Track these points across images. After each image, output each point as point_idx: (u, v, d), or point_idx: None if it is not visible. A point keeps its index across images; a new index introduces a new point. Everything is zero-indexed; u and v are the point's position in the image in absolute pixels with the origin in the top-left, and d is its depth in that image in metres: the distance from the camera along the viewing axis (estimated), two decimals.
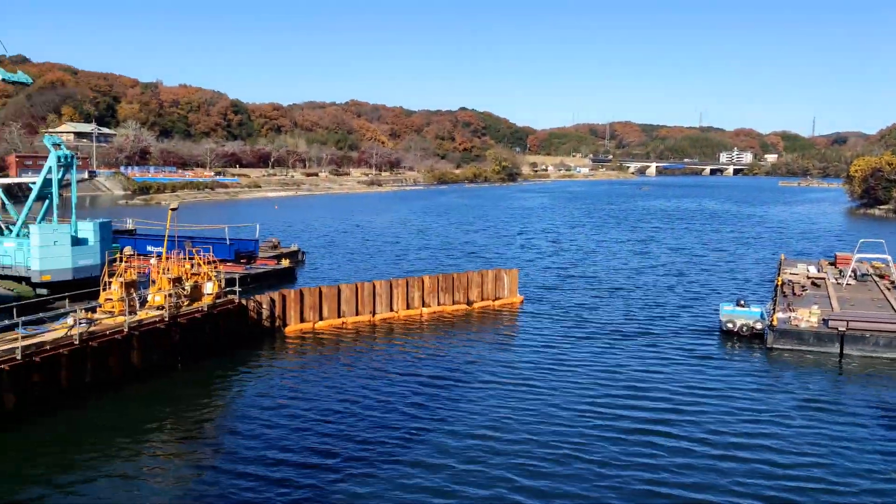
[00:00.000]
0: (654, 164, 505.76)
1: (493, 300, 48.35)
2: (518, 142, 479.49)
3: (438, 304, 46.27)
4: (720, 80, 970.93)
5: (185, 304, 35.71)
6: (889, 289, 49.78)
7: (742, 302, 42.50)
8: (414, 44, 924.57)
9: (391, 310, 44.44)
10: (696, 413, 28.59)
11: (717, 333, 41.71)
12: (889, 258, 52.90)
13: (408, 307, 45.08)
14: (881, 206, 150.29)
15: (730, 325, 41.08)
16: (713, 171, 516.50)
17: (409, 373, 33.44)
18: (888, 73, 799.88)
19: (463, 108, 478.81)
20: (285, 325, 40.85)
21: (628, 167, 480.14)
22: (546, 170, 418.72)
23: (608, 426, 27.00)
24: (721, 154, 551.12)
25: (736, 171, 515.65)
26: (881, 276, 54.47)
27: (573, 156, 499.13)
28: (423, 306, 45.61)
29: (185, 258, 38.49)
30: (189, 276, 37.09)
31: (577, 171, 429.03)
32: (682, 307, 49.60)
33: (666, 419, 27.80)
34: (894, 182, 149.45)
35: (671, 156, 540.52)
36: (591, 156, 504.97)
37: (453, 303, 46.81)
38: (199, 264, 38.39)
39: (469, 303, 47.38)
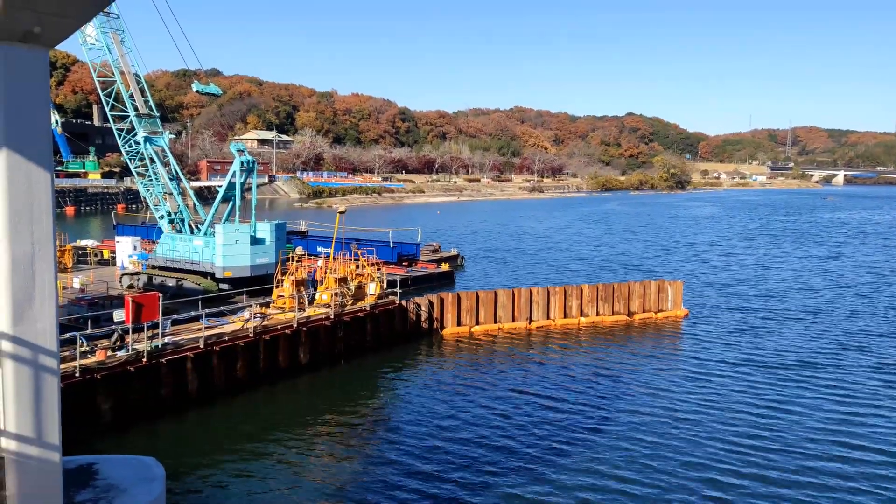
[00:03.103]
0: (841, 173, 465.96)
1: (656, 312, 46.48)
2: (688, 148, 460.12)
3: (597, 313, 45.16)
4: None
5: (350, 303, 37.29)
6: None
7: None
8: (581, 48, 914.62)
9: (548, 318, 43.94)
10: (878, 464, 25.80)
11: None
12: None
13: (565, 316, 44.39)
14: None
15: None
16: None
17: (562, 386, 32.82)
18: None
19: (630, 114, 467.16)
20: (442, 327, 41.57)
21: (811, 175, 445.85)
22: (718, 178, 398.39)
23: (768, 480, 24.94)
24: None
25: None
26: None
27: (749, 163, 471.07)
28: (580, 315, 44.72)
29: (351, 259, 40.29)
30: (354, 276, 38.71)
31: (753, 179, 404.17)
32: (872, 335, 44.88)
33: (837, 463, 25.31)
34: None
35: (862, 164, 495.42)
36: (769, 163, 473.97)
37: (613, 313, 45.51)
38: (363, 265, 40.00)
39: (630, 314, 45.85)
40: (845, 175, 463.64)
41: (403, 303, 40.18)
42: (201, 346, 29.06)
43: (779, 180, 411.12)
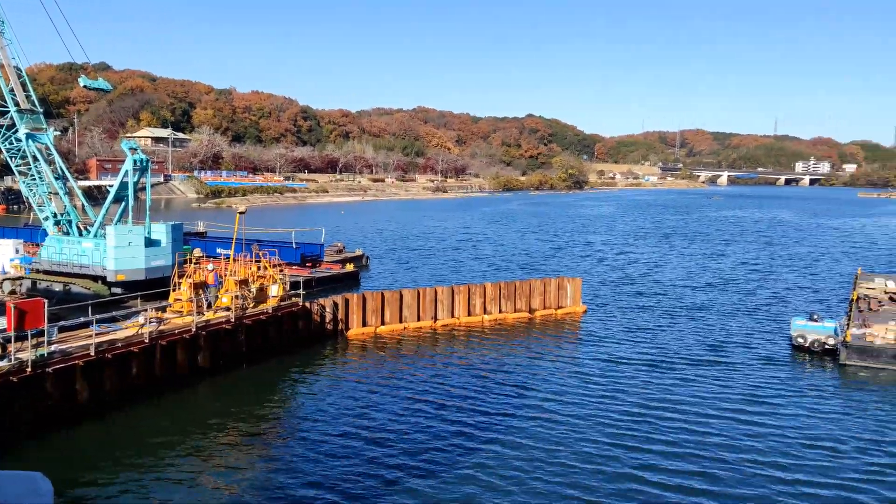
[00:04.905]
0: (725, 174, 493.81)
1: (556, 309, 47.82)
2: (585, 149, 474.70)
3: (500, 311, 46.02)
4: (797, 87, 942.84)
5: (251, 305, 36.49)
6: None
7: (816, 316, 40.82)
8: (482, 50, 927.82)
9: (452, 316, 44.41)
10: (752, 431, 27.56)
11: (788, 349, 40.20)
12: None
13: (469, 314, 44.99)
14: None
15: (801, 341, 39.51)
16: (788, 182, 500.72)
17: (466, 385, 33.23)
18: None
19: (530, 115, 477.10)
20: (347, 328, 41.29)
21: (698, 176, 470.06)
22: (613, 178, 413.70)
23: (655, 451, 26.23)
24: (797, 164, 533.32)
25: (812, 182, 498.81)
26: None
27: (641, 164, 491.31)
28: (484, 313, 45.44)
29: (252, 261, 39.39)
30: (255, 278, 37.90)
31: (646, 179, 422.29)
32: (753, 321, 47.96)
33: (718, 433, 26.89)
34: None
35: (744, 165, 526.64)
36: (659, 164, 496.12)
37: (515, 310, 46.50)
38: (265, 267, 39.21)
39: (531, 311, 46.96)
40: (729, 176, 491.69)
41: (307, 304, 39.66)
42: (92, 354, 27.72)
43: (669, 180, 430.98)
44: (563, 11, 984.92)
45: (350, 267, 60.72)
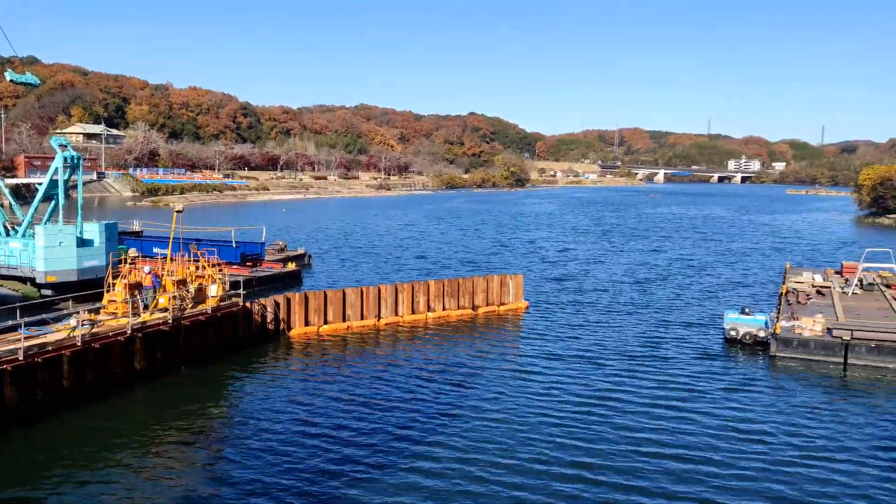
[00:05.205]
0: (662, 171, 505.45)
1: (498, 305, 48.27)
2: (527, 147, 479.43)
3: (444, 308, 46.21)
4: (729, 87, 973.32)
5: (190, 306, 35.74)
6: (895, 299, 49.42)
7: (747, 310, 42.27)
8: (424, 48, 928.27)
9: (396, 314, 44.38)
10: (689, 422, 28.44)
11: (721, 342, 41.50)
12: None
13: (413, 312, 45.03)
14: (890, 216, 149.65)
15: (733, 333, 40.85)
16: (721, 179, 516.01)
17: (411, 381, 33.32)
18: None
19: (472, 113, 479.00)
20: (289, 328, 40.83)
21: (636, 174, 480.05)
22: (554, 175, 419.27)
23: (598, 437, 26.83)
24: (729, 162, 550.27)
25: (744, 179, 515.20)
26: (888, 286, 54.04)
27: (582, 162, 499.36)
28: (428, 311, 45.55)
29: (190, 260, 38.57)
30: (194, 278, 37.14)
31: (586, 177, 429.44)
32: (688, 315, 49.36)
33: (657, 426, 27.66)
34: None
35: (679, 163, 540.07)
36: (599, 162, 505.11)
37: (458, 308, 46.75)
38: (203, 266, 38.46)
39: (474, 308, 47.29)
40: (665, 173, 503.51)
41: (248, 304, 39.04)
42: (21, 358, 26.74)
43: (608, 178, 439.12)
44: (504, 11, 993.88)
45: (292, 266, 60.03)
